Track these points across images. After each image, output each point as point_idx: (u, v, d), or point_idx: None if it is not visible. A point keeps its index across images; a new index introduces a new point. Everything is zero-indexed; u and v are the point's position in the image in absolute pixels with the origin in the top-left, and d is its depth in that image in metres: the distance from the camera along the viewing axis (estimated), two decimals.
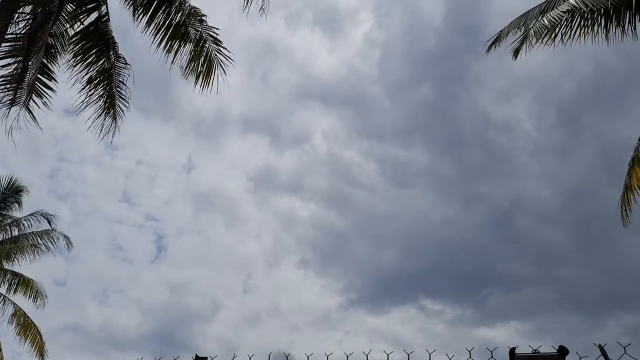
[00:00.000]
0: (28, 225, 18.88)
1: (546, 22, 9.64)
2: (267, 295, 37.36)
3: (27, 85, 8.71)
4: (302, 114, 42.35)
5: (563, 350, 9.76)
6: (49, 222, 19.15)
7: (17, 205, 19.47)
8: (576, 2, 9.36)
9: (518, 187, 33.66)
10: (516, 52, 9.94)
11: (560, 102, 32.06)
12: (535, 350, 9.83)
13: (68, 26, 9.67)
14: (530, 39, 9.66)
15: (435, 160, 37.49)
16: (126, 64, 10.52)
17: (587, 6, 9.31)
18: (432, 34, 35.84)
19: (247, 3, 9.81)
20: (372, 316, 33.65)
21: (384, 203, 39.03)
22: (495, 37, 10.18)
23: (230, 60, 10.35)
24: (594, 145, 30.37)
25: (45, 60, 9.60)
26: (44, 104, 9.53)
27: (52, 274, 34.93)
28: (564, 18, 9.55)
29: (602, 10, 9.38)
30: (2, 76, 8.89)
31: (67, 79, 10.15)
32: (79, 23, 10.12)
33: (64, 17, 9.51)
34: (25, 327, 17.32)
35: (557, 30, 9.65)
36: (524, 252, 31.42)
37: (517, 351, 10.05)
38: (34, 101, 9.44)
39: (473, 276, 31.41)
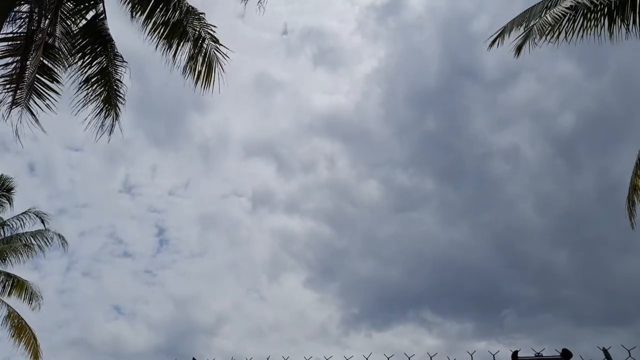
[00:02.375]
0: (21, 225, 18.60)
1: (549, 18, 9.54)
2: (268, 310, 37.90)
3: (27, 85, 8.54)
4: (306, 143, 44.37)
5: (566, 354, 9.70)
6: (42, 222, 18.85)
7: (8, 204, 19.13)
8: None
9: (519, 213, 34.92)
10: (518, 49, 9.84)
11: (557, 133, 33.87)
12: (538, 353, 9.76)
13: (68, 23, 9.48)
14: (533, 35, 9.57)
15: (438, 187, 39.13)
16: (123, 61, 10.37)
17: (591, 3, 9.23)
18: (431, 71, 37.84)
19: None
20: (374, 331, 34.04)
21: (387, 225, 40.03)
22: (497, 34, 10.06)
23: (227, 58, 10.24)
24: (591, 175, 31.89)
25: (45, 61, 9.41)
26: (47, 106, 9.33)
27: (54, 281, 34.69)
28: (568, 15, 9.45)
29: (606, 9, 9.29)
30: (1, 76, 8.71)
31: (67, 77, 10.00)
32: (77, 21, 9.94)
33: (62, 14, 9.33)
34: (20, 329, 17.09)
35: (560, 27, 9.55)
36: (525, 273, 32.23)
37: (519, 354, 10.00)
38: (35, 103, 9.26)
39: (475, 294, 32.00)
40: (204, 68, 10.14)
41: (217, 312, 37.82)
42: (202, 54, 10.14)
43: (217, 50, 10.36)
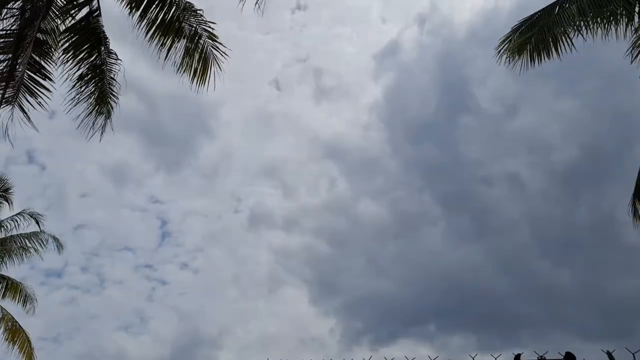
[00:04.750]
0: (15, 226, 18.31)
1: (556, 31, 9.42)
2: (268, 325, 38.48)
3: (17, 83, 8.36)
4: (308, 168, 46.32)
5: (570, 357, 9.52)
6: (37, 223, 18.54)
7: (7, 205, 18.84)
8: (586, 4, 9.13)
9: (520, 237, 35.77)
10: (524, 59, 9.77)
11: (556, 164, 35.10)
12: (541, 356, 9.58)
13: (59, 22, 9.31)
14: (540, 46, 9.51)
15: (438, 210, 40.29)
16: (117, 59, 10.18)
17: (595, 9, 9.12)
18: (430, 104, 39.84)
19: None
20: (377, 345, 34.32)
21: (389, 246, 41.17)
22: (503, 39, 9.99)
23: (225, 56, 10.05)
24: (589, 203, 33.38)
25: (37, 58, 9.23)
26: (39, 103, 9.16)
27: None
28: (572, 21, 9.31)
29: (610, 14, 9.15)
30: None
31: (59, 75, 9.81)
32: (70, 18, 9.76)
33: (54, 12, 9.15)
34: (14, 332, 16.86)
35: (564, 33, 9.44)
36: (528, 293, 33.17)
37: (522, 357, 9.82)
38: (28, 101, 9.09)
39: (478, 312, 32.56)
40: (199, 65, 9.96)
41: (218, 325, 38.14)
42: (199, 51, 9.96)
43: (214, 48, 10.19)
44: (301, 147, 47.56)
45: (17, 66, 8.63)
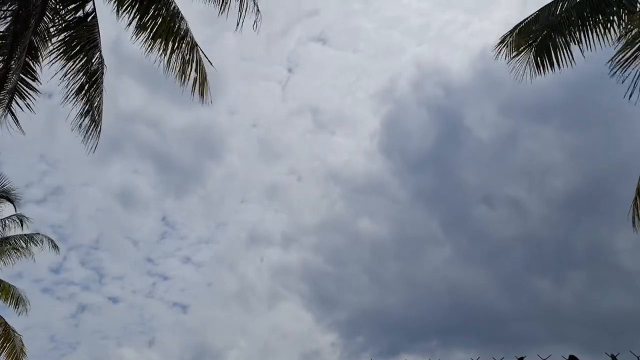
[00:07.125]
0: (1, 228, 18.02)
1: (557, 36, 9.35)
2: (270, 338, 37.82)
3: (10, 87, 8.23)
4: (311, 188, 46.10)
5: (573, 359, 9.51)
6: (21, 224, 18.22)
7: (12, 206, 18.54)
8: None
9: (521, 258, 35.84)
10: (529, 61, 9.72)
11: (556, 189, 35.17)
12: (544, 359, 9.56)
13: (52, 25, 9.17)
14: (541, 50, 9.46)
15: (439, 232, 39.63)
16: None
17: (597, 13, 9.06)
18: (429, 135, 39.54)
19: (240, 19, 9.62)
20: (380, 359, 34.57)
21: (392, 265, 40.67)
22: (501, 39, 9.92)
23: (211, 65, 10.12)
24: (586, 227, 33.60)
25: (28, 60, 9.09)
26: (27, 105, 9.11)
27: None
28: (574, 22, 9.24)
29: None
30: None
31: (51, 77, 9.67)
32: (64, 20, 9.60)
33: (48, 15, 9.00)
34: (5, 333, 16.63)
35: (567, 37, 9.38)
36: (530, 312, 33.20)
37: None
38: (17, 103, 8.98)
39: (481, 328, 32.98)
40: (198, 75, 9.98)
41: (219, 339, 38.14)
42: (195, 62, 9.96)
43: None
44: (302, 169, 47.50)
45: (10, 70, 8.48)
